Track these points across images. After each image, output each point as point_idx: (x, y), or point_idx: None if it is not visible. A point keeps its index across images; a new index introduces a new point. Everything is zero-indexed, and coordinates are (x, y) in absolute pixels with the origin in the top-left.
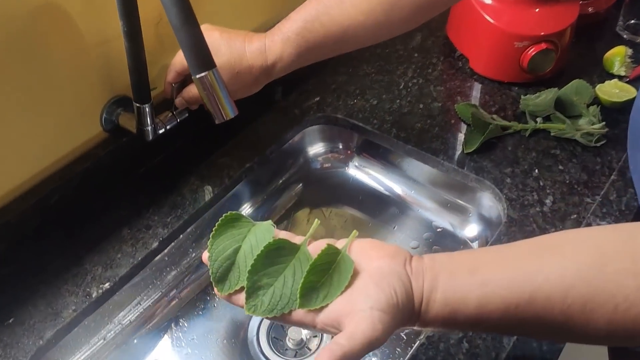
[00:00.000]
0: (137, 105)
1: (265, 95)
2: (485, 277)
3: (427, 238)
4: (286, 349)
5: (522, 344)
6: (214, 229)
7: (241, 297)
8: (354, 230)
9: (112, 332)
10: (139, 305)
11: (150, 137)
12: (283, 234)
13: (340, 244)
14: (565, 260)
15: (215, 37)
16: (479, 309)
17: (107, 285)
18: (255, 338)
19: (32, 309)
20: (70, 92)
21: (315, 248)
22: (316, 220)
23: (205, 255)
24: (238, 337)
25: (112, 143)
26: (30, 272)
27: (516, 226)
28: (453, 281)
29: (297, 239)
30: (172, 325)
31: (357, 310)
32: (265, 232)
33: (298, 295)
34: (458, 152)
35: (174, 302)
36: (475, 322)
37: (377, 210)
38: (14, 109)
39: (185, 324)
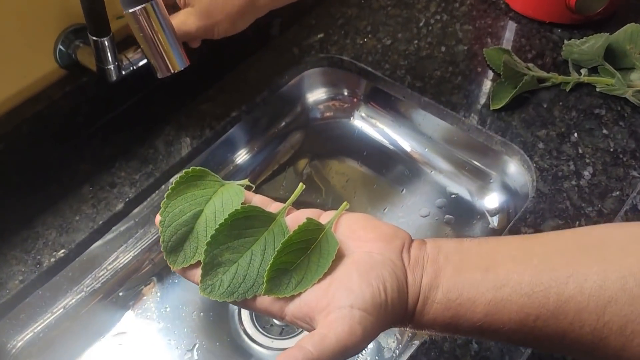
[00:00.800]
0: (94, 39)
1: (259, 30)
2: (501, 278)
3: (439, 205)
4: (271, 325)
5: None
6: (170, 187)
7: (197, 273)
8: (345, 202)
9: (72, 301)
10: (105, 270)
11: (114, 78)
12: (257, 199)
13: (326, 217)
14: (607, 266)
15: None
16: (488, 317)
17: (61, 252)
18: (236, 313)
19: None
20: (16, 18)
21: (295, 220)
22: (300, 184)
23: (158, 219)
24: (217, 311)
25: (70, 83)
26: None
27: (546, 202)
28: (460, 279)
29: (273, 207)
30: (142, 294)
31: (334, 306)
32: (234, 196)
33: (265, 278)
34: (483, 108)
35: (145, 269)
36: (482, 331)
37: (384, 169)
38: None
39: (158, 293)
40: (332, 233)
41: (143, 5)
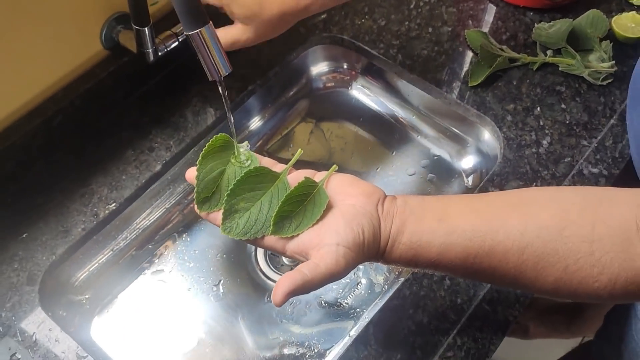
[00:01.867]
0: (137, 28)
1: None
2: (451, 226)
3: (423, 165)
4: (282, 265)
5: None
6: (204, 149)
7: (219, 217)
8: (334, 165)
9: (120, 244)
10: (145, 220)
11: (152, 58)
12: (266, 161)
13: (319, 176)
14: (528, 219)
15: None
16: (440, 255)
17: (113, 205)
18: (253, 254)
19: (44, 226)
20: (69, 9)
21: (295, 178)
22: (299, 150)
23: (190, 173)
24: (237, 253)
25: (113, 63)
26: (38, 191)
27: (510, 167)
28: (420, 227)
29: (278, 167)
30: (177, 238)
31: (324, 244)
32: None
33: (272, 222)
34: (462, 84)
35: (177, 219)
36: (435, 265)
37: (377, 133)
38: (12, 28)
39: (188, 239)
40: (323, 189)
41: (200, 29)
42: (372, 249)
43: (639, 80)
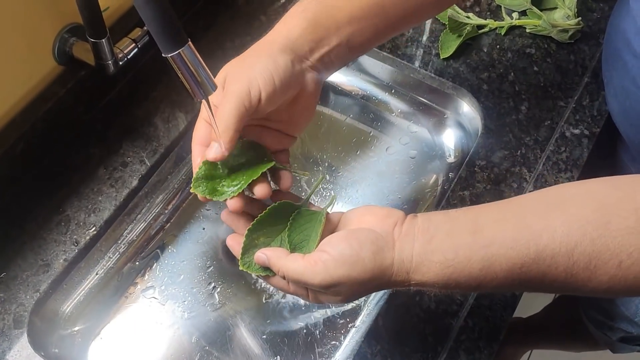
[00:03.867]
0: (93, 40)
1: (226, 1)
2: (489, 237)
3: (404, 143)
4: None
5: None
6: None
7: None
8: (321, 176)
9: (104, 267)
10: (127, 237)
11: (112, 70)
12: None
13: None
14: (570, 217)
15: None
16: (483, 270)
17: (92, 230)
18: None
19: (22, 262)
20: (15, 26)
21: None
22: (320, 176)
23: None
24: (225, 257)
25: (71, 78)
26: (10, 225)
27: (494, 137)
28: (453, 242)
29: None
30: (162, 251)
31: (316, 253)
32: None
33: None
34: (434, 57)
35: (159, 232)
36: (479, 282)
37: (352, 115)
38: None
39: (174, 250)
40: (316, 211)
41: (178, 51)
42: (380, 271)
43: (613, 38)
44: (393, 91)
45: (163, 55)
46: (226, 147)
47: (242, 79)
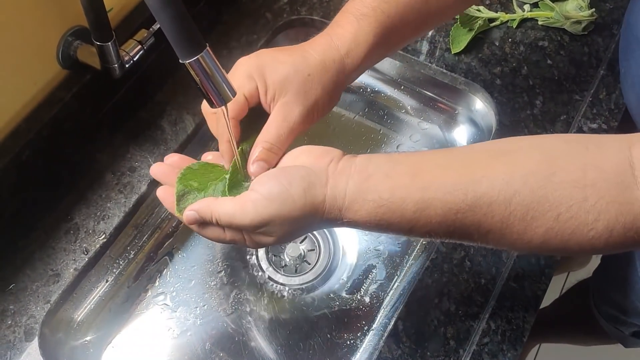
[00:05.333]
0: (99, 44)
1: None
2: (427, 180)
3: (414, 140)
4: (285, 265)
5: (521, 260)
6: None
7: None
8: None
9: (114, 274)
10: (137, 243)
11: (118, 73)
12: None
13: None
14: (513, 167)
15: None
16: (417, 213)
17: (102, 238)
18: (255, 258)
19: (32, 273)
20: (18, 32)
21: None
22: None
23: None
24: (237, 260)
25: (76, 82)
26: (18, 234)
27: (509, 133)
28: (390, 183)
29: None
30: (172, 257)
31: (246, 193)
32: None
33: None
34: (445, 52)
35: (169, 237)
36: (412, 225)
37: (361, 112)
38: None
39: (184, 255)
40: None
41: (198, 55)
42: (311, 207)
43: (632, 26)
44: (403, 87)
45: (180, 61)
46: (271, 165)
47: (304, 107)
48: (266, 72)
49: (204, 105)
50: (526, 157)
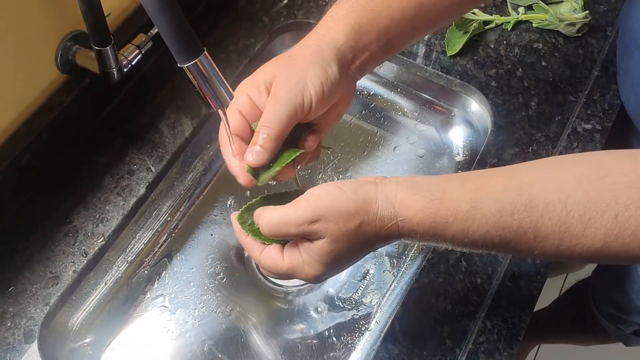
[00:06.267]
0: (97, 48)
1: (227, 3)
2: (478, 184)
3: (411, 142)
4: None
5: (517, 259)
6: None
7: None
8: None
9: (113, 277)
10: (135, 246)
11: (116, 77)
12: None
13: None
14: (563, 172)
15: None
16: (471, 211)
17: (101, 241)
18: (253, 260)
19: (31, 275)
20: (17, 37)
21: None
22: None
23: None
24: (235, 262)
25: (75, 87)
26: (17, 237)
27: (504, 134)
28: (440, 185)
29: None
30: (171, 259)
31: (300, 197)
32: None
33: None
34: (441, 55)
35: (167, 239)
36: (467, 225)
37: (358, 115)
38: None
39: (183, 257)
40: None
41: (196, 59)
42: (362, 201)
43: (631, 27)
44: (399, 90)
45: (179, 65)
46: (269, 152)
47: (293, 86)
48: (253, 79)
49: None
50: (574, 165)
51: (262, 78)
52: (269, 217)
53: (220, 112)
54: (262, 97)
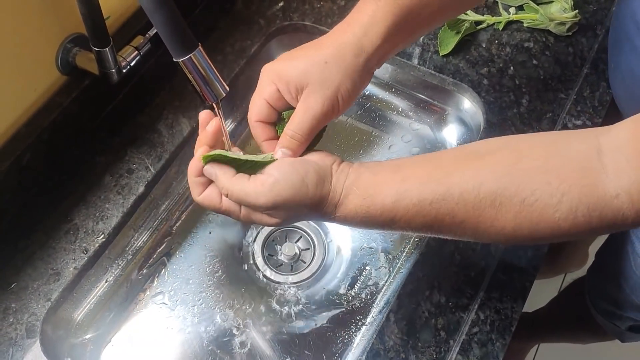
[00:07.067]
0: (97, 49)
1: (225, 5)
2: (405, 175)
3: (406, 140)
4: (281, 265)
5: (510, 253)
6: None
7: None
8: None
9: (113, 274)
10: (134, 244)
11: (115, 78)
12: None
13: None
14: (483, 161)
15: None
16: (395, 203)
17: (101, 238)
18: (251, 257)
19: (33, 272)
20: (18, 40)
21: None
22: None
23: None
24: (233, 260)
25: (75, 88)
26: (19, 235)
27: (496, 131)
28: (375, 178)
29: None
30: (170, 257)
31: (262, 175)
32: None
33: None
34: (434, 54)
35: (166, 237)
36: (392, 215)
37: (354, 115)
38: None
39: (182, 255)
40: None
41: (191, 54)
42: (318, 198)
43: (621, 22)
44: (394, 90)
45: (174, 60)
46: (295, 154)
47: (326, 99)
48: (284, 73)
49: (250, 114)
50: (496, 152)
51: (295, 79)
52: (231, 189)
53: (214, 105)
54: (289, 95)
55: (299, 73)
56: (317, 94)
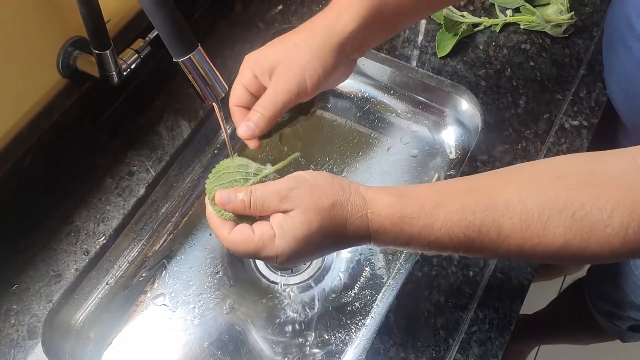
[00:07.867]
0: (97, 52)
1: (224, 9)
2: (442, 186)
3: (404, 142)
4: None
5: None
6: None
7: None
8: (296, 153)
9: (114, 276)
10: (135, 246)
11: (116, 81)
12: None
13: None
14: (523, 176)
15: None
16: (436, 209)
17: (102, 240)
18: (252, 259)
19: (34, 274)
20: (20, 43)
21: None
22: (296, 153)
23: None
24: (235, 261)
25: (76, 91)
26: (20, 237)
27: (494, 132)
28: (406, 187)
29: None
30: (170, 258)
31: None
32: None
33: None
34: (431, 56)
35: (167, 239)
36: (432, 221)
37: (352, 117)
38: None
39: (182, 257)
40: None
41: (190, 54)
42: (340, 187)
43: (615, 24)
44: (392, 92)
45: (174, 60)
46: (260, 130)
47: (292, 77)
48: (260, 59)
49: (230, 99)
50: (533, 169)
51: (268, 62)
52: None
53: (214, 105)
54: (264, 77)
55: (272, 56)
56: (284, 73)
